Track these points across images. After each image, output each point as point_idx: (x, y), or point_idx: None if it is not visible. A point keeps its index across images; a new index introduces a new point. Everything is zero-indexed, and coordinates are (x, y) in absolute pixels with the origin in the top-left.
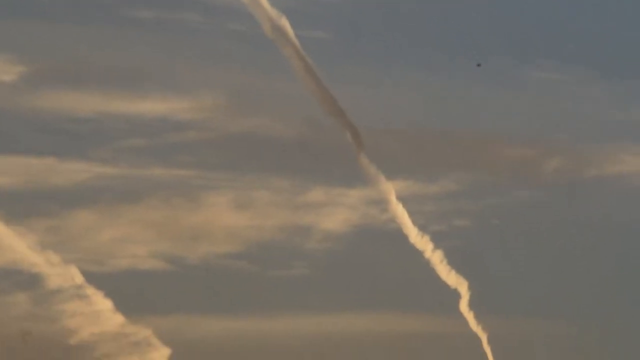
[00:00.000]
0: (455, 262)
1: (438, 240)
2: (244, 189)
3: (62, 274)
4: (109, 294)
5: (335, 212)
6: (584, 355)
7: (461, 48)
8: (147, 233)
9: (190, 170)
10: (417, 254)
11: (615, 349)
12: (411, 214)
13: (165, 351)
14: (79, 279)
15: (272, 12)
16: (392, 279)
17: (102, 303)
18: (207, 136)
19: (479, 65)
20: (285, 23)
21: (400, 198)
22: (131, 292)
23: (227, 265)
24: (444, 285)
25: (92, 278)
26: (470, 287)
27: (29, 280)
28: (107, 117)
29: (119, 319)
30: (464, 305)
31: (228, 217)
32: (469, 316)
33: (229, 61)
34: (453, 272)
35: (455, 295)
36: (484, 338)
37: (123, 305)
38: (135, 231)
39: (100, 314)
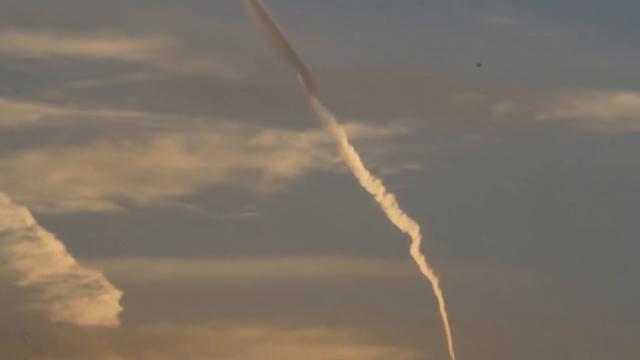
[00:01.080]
0: (407, 206)
1: (389, 184)
2: (194, 131)
3: (11, 215)
4: (59, 236)
5: (286, 156)
6: (535, 299)
7: None
8: (96, 175)
9: (140, 112)
10: (368, 197)
11: (566, 293)
12: (362, 157)
13: (116, 294)
14: (30, 220)
15: None
16: (343, 223)
17: (53, 245)
18: (157, 78)
19: (478, 65)
20: None
21: (351, 141)
22: (81, 234)
23: (177, 208)
24: (395, 229)
25: (43, 220)
26: (421, 232)
27: None
28: (57, 57)
29: (69, 261)
30: (414, 250)
31: (178, 160)
32: (420, 260)
33: (181, 3)
34: (404, 216)
35: (407, 239)
36: (434, 282)
37: (73, 247)
38: (85, 173)
39: (50, 256)
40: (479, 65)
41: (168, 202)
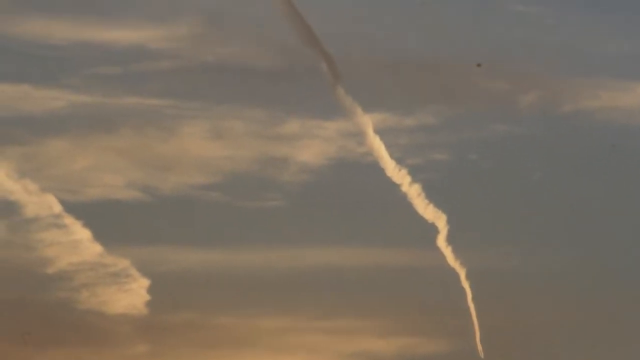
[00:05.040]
0: (433, 196)
1: (415, 174)
2: (218, 119)
3: (38, 202)
4: (87, 223)
5: (311, 144)
6: (565, 289)
7: None
8: (121, 162)
9: (163, 100)
10: (394, 187)
11: (597, 281)
12: (388, 146)
13: (144, 282)
14: (57, 207)
15: None
16: (368, 213)
17: (81, 232)
18: (181, 65)
19: (478, 65)
20: None
21: (377, 131)
22: (108, 221)
23: (201, 196)
24: (421, 219)
25: (68, 206)
26: (448, 222)
27: (5, 208)
28: (81, 44)
29: (97, 248)
30: (441, 240)
31: (202, 148)
32: (447, 251)
33: None
34: (431, 206)
35: (433, 229)
36: (462, 273)
37: (101, 235)
38: (109, 160)
39: (78, 243)
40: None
41: (192, 190)
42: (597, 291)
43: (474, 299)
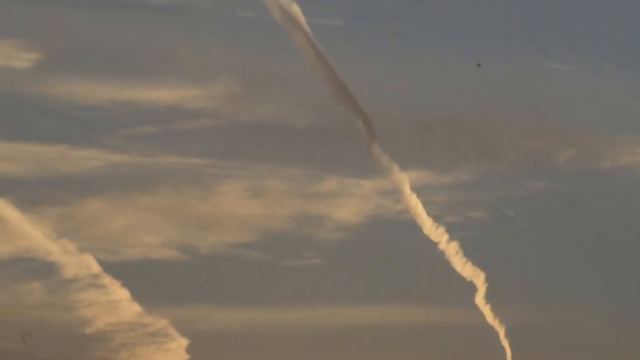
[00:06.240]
0: (471, 253)
1: (453, 232)
2: (255, 177)
3: (77, 262)
4: (125, 283)
5: (348, 203)
6: (604, 346)
7: (476, 35)
8: (159, 221)
9: (201, 159)
10: (432, 245)
11: (635, 336)
12: (425, 204)
13: (183, 342)
14: (95, 267)
15: None
16: (406, 271)
17: (119, 292)
18: (218, 124)
19: (478, 65)
20: (296, 10)
21: (414, 188)
22: (146, 281)
23: (240, 254)
24: (459, 277)
25: (107, 266)
26: (486, 279)
27: (44, 269)
28: (119, 104)
29: (135, 308)
30: (480, 298)
31: (240, 206)
32: (485, 309)
33: (241, 48)
34: (469, 264)
35: (471, 287)
36: (501, 331)
37: (139, 295)
38: (147, 220)
39: (117, 303)
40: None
41: (230, 249)
42: (637, 348)
43: (513, 357)
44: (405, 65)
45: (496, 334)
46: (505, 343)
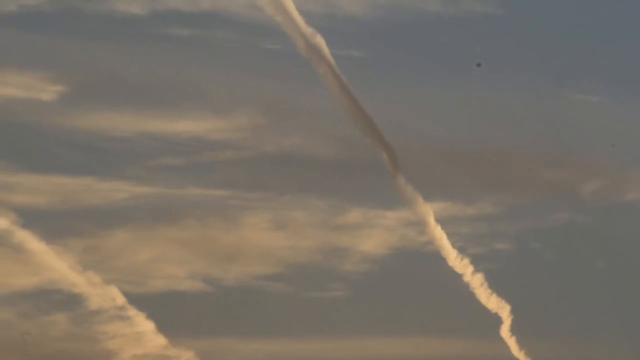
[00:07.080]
0: (496, 285)
1: (477, 263)
2: (280, 209)
3: (102, 294)
4: (150, 315)
5: (372, 234)
6: None
7: (500, 65)
8: (183, 253)
9: (226, 190)
10: (456, 277)
11: None
12: (449, 236)
13: None
14: (120, 299)
15: (307, 30)
16: (431, 302)
17: (144, 324)
18: (242, 156)
19: (478, 65)
20: (320, 41)
21: (438, 220)
22: (171, 313)
23: (264, 286)
24: (484, 310)
25: (132, 298)
26: (512, 311)
27: (69, 300)
28: (143, 136)
29: (161, 340)
30: (505, 330)
31: (264, 238)
32: (511, 341)
33: (265, 80)
34: (494, 296)
35: (496, 319)
36: None
37: (164, 327)
38: (172, 251)
39: (142, 335)
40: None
41: (255, 280)
42: None
43: None
44: (429, 97)
45: None
46: None
